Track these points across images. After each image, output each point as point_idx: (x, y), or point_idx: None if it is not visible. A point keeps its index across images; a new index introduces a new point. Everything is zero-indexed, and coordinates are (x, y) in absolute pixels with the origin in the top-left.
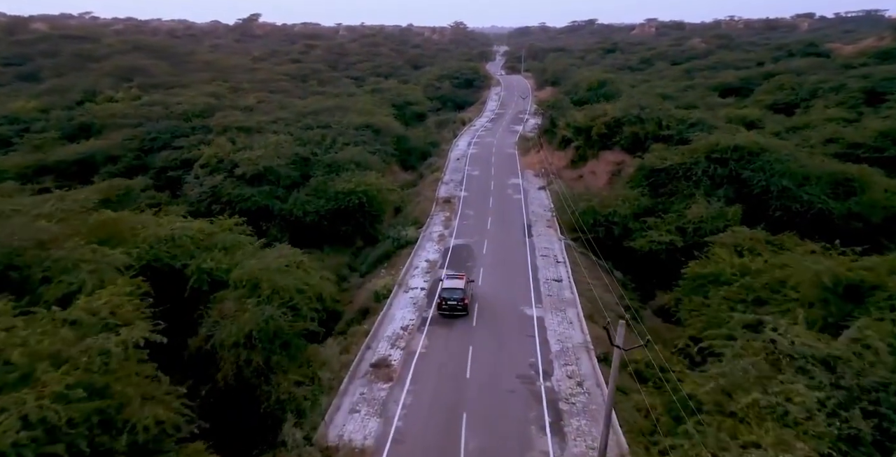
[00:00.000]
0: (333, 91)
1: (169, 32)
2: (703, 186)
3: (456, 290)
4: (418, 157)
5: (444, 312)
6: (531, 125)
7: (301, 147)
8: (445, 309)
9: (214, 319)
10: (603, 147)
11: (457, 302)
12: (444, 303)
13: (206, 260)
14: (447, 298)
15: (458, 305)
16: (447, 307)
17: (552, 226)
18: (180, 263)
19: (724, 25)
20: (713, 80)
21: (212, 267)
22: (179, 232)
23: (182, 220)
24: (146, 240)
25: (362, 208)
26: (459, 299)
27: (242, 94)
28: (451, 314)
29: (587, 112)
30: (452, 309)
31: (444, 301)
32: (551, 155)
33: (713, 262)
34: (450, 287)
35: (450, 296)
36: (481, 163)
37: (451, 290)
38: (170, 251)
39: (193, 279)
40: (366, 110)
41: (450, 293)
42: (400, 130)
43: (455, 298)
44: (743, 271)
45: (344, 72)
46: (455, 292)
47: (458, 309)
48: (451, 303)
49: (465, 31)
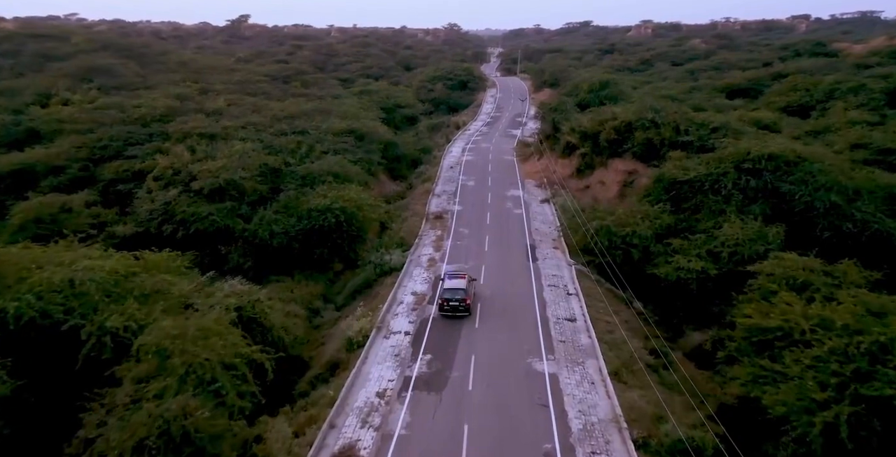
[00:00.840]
0: (317, 93)
1: (154, 33)
2: (734, 201)
3: (458, 290)
4: (408, 164)
5: (445, 313)
6: (530, 129)
7: (272, 156)
8: (447, 310)
9: (100, 416)
10: (612, 154)
11: (459, 303)
12: (446, 304)
13: (110, 316)
14: (449, 298)
15: (461, 305)
16: (449, 308)
17: (559, 247)
18: (75, 320)
19: (721, 26)
20: (719, 81)
21: (117, 326)
22: (83, 275)
23: (96, 254)
24: (34, 286)
25: (340, 228)
26: (461, 300)
27: (212, 97)
28: (452, 315)
29: (594, 115)
30: (454, 310)
31: (445, 302)
32: (554, 163)
33: (776, 309)
34: (451, 287)
35: (452, 297)
36: (477, 172)
37: (453, 290)
38: (65, 303)
39: (89, 345)
40: (350, 114)
41: (452, 294)
42: (388, 135)
43: (457, 298)
44: (823, 325)
45: (332, 73)
46: (457, 293)
47: (461, 310)
48: (454, 303)
49: (460, 32)
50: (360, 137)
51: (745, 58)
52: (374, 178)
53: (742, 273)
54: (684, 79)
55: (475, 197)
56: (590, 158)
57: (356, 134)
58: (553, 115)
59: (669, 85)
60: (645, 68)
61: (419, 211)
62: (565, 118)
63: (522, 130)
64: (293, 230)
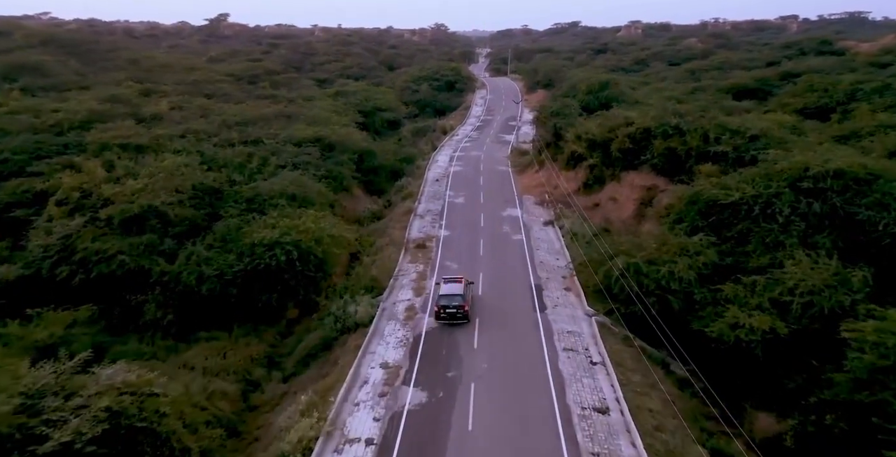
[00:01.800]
0: (287, 95)
1: (127, 32)
2: (794, 230)
3: (455, 296)
4: (388, 176)
5: (443, 321)
6: (525, 134)
7: (212, 173)
8: (444, 317)
9: None
10: (626, 167)
11: (456, 310)
12: (443, 311)
13: None
14: (445, 305)
15: (458, 312)
16: (446, 315)
17: (572, 288)
18: None
19: (711, 27)
20: (723, 81)
21: None
22: None
23: None
24: None
25: (293, 267)
26: (459, 306)
27: (155, 99)
28: (450, 323)
29: (603, 121)
30: (452, 317)
31: (442, 309)
32: (557, 175)
33: None
34: (448, 293)
35: (448, 303)
36: (467, 186)
37: (450, 296)
38: None
39: None
40: (320, 119)
41: (448, 300)
42: (363, 143)
43: (454, 304)
44: None
45: (309, 73)
46: (454, 299)
47: (459, 317)
48: (451, 310)
49: (447, 32)
50: (328, 146)
51: (748, 57)
52: (349, 193)
53: (827, 333)
54: (685, 79)
55: (465, 218)
56: (599, 171)
57: (324, 143)
58: (555, 120)
59: (670, 85)
60: (640, 68)
61: (397, 237)
62: (569, 124)
63: (517, 135)
64: (231, 272)
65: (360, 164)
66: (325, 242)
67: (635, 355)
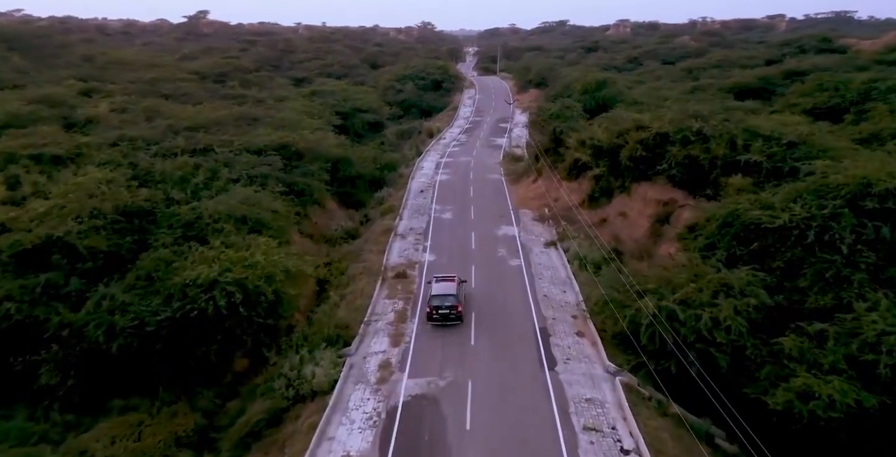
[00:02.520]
0: (258, 95)
1: (99, 29)
2: (862, 263)
3: (448, 296)
4: (367, 186)
5: (435, 323)
6: (518, 137)
7: (148, 189)
8: (437, 318)
9: None
10: (639, 177)
11: (449, 310)
12: (435, 312)
13: None
14: (438, 305)
15: (452, 313)
16: (439, 316)
17: (585, 333)
18: None
19: (700, 26)
20: (724, 80)
21: None
22: None
23: None
24: None
25: (237, 313)
26: (452, 307)
27: (96, 100)
28: (443, 324)
29: (609, 124)
30: (445, 318)
31: (434, 310)
32: (559, 186)
33: None
34: (440, 293)
35: (441, 303)
36: (455, 198)
37: (443, 296)
38: None
39: None
40: (289, 122)
41: (441, 300)
42: (338, 149)
43: (447, 305)
44: None
45: (287, 72)
46: (447, 299)
47: (452, 318)
48: (443, 311)
49: (434, 31)
50: (296, 154)
51: (746, 55)
52: (320, 207)
53: None
54: (682, 78)
55: (453, 239)
56: (606, 182)
57: (290, 150)
58: (555, 123)
59: (667, 85)
60: (633, 67)
61: (374, 264)
62: (571, 128)
63: (509, 138)
64: (154, 320)
65: (334, 173)
66: (279, 280)
67: (676, 432)
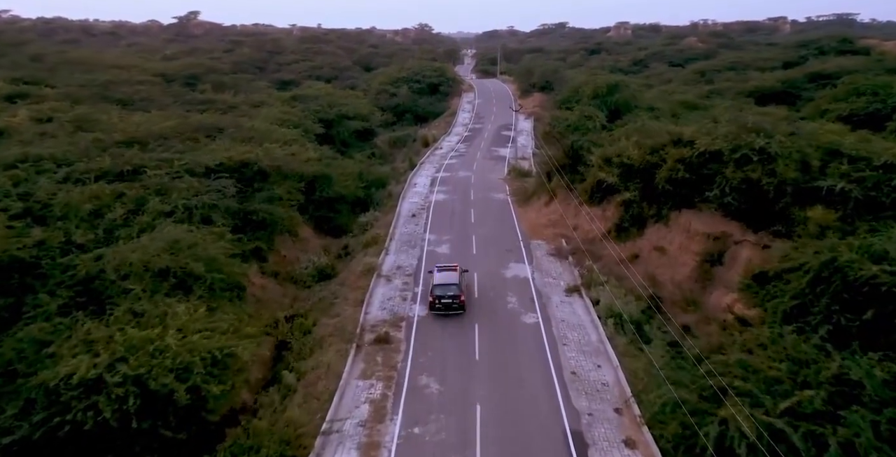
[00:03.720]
0: (231, 99)
1: (84, 30)
2: None
3: (450, 285)
4: (348, 210)
5: (438, 312)
6: (523, 147)
7: (42, 229)
8: (440, 308)
9: None
10: (680, 204)
11: (452, 300)
12: (438, 301)
13: None
14: (440, 295)
15: (454, 303)
16: (441, 306)
17: (637, 444)
18: None
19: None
20: (741, 83)
21: None
22: None
23: None
24: None
25: (131, 423)
26: (455, 296)
27: (17, 107)
28: (445, 314)
29: (640, 138)
30: (448, 307)
31: (437, 299)
32: (577, 210)
33: None
34: (443, 282)
35: (443, 293)
36: (453, 224)
37: (445, 286)
38: None
39: None
40: (259, 133)
41: (443, 290)
42: (316, 166)
43: (450, 294)
44: None
45: (273, 74)
46: (449, 288)
47: (454, 307)
48: (446, 301)
49: (431, 33)
50: (258, 174)
51: (761, 57)
52: (292, 236)
53: None
54: (695, 81)
55: None
56: (638, 209)
57: (252, 170)
58: (573, 137)
59: (679, 88)
60: (639, 69)
61: (348, 320)
62: (592, 142)
63: (513, 148)
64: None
65: (310, 193)
66: (200, 372)
67: None
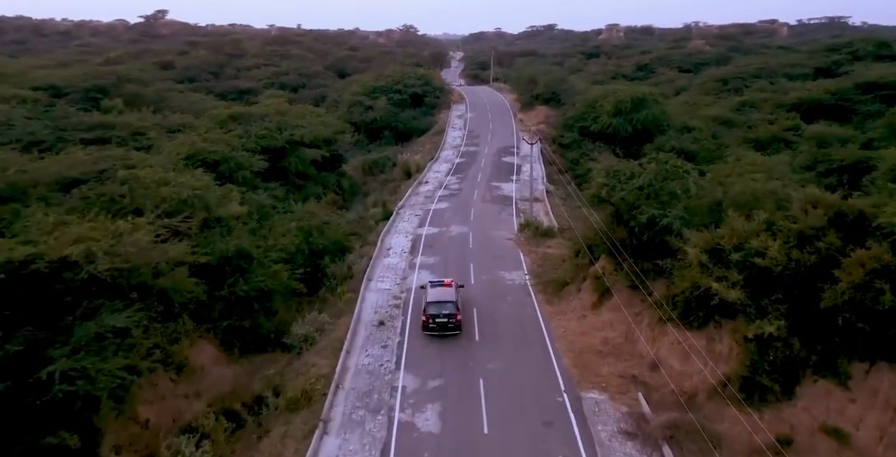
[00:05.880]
0: (139, 123)
1: (35, 29)
2: None
3: (446, 303)
4: (283, 300)
5: (432, 333)
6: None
7: None
8: (434, 328)
9: None
10: (871, 351)
11: (447, 319)
12: (432, 320)
13: None
14: (435, 314)
15: (450, 322)
16: (436, 326)
17: None
18: None
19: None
20: (779, 95)
21: None
22: None
23: None
24: None
25: None
26: (451, 315)
27: None
28: (441, 335)
29: (776, 216)
30: (443, 327)
31: (430, 319)
32: (655, 328)
33: None
34: (437, 300)
35: (438, 311)
36: (444, 350)
37: (440, 304)
38: None
39: None
40: (142, 186)
41: (438, 308)
42: (233, 238)
43: (445, 313)
44: None
45: (230, 81)
46: (445, 307)
47: (450, 327)
48: (441, 320)
49: (416, 34)
50: (87, 285)
51: (790, 63)
52: (174, 372)
53: None
54: (716, 90)
55: None
56: (785, 352)
57: (78, 277)
58: (647, 209)
59: (701, 98)
60: (645, 75)
61: None
62: (684, 220)
63: (519, 181)
64: None
65: (216, 285)
66: None
67: None
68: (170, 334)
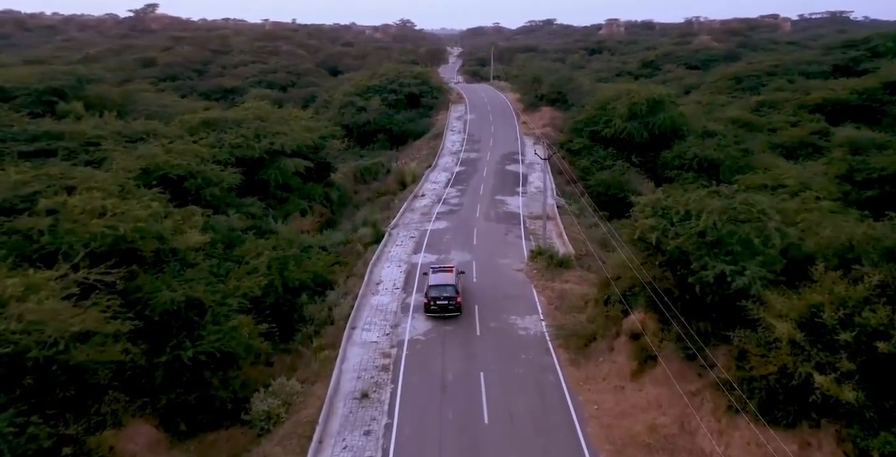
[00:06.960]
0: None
1: (17, 23)
2: None
3: (446, 286)
4: (245, 358)
5: (433, 314)
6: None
7: None
8: (435, 310)
9: None
10: None
11: (448, 301)
12: (433, 302)
13: None
14: (436, 296)
15: (451, 304)
16: (437, 307)
17: None
18: None
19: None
20: (799, 94)
21: None
22: None
23: None
24: None
25: None
26: (451, 297)
27: None
28: (441, 316)
29: None
30: (443, 309)
31: (432, 301)
32: (719, 417)
33: None
34: (439, 283)
35: (439, 294)
36: (443, 426)
37: (441, 287)
38: None
39: None
40: (69, 220)
41: (439, 291)
42: (191, 279)
43: (446, 295)
44: None
45: (214, 80)
46: (445, 289)
47: (451, 309)
48: (442, 302)
49: (413, 29)
50: None
51: (805, 60)
52: None
53: None
54: (730, 88)
55: None
56: None
57: None
58: (712, 264)
59: (714, 98)
60: (651, 72)
61: None
62: (766, 280)
63: (526, 194)
64: None
65: (156, 351)
66: None
67: None
68: (88, 421)
